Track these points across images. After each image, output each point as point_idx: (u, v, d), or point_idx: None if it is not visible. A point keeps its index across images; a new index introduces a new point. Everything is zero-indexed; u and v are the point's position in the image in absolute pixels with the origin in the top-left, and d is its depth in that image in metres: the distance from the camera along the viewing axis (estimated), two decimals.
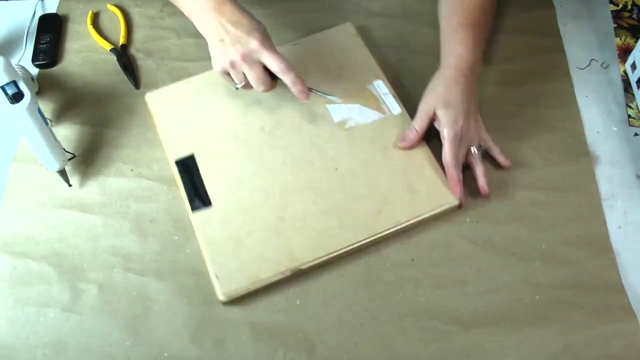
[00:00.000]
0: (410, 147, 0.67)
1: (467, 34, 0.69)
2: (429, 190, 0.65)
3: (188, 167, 0.68)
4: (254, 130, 0.70)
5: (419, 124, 0.67)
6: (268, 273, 0.61)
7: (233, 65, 0.63)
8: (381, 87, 0.72)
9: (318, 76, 0.73)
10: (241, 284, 0.60)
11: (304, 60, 0.74)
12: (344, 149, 0.68)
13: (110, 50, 0.79)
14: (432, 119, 0.67)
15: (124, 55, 0.79)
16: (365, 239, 0.63)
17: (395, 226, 0.63)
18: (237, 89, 0.67)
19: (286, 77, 0.63)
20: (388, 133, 0.69)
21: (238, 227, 0.64)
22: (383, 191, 0.65)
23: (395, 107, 0.71)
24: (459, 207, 0.65)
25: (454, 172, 0.65)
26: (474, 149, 0.67)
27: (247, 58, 0.62)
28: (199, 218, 0.64)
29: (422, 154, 0.68)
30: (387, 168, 0.67)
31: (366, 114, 0.71)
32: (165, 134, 0.71)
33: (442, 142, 0.66)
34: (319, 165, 0.67)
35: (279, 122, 0.71)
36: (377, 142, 0.69)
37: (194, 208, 0.65)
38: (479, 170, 0.66)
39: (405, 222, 0.63)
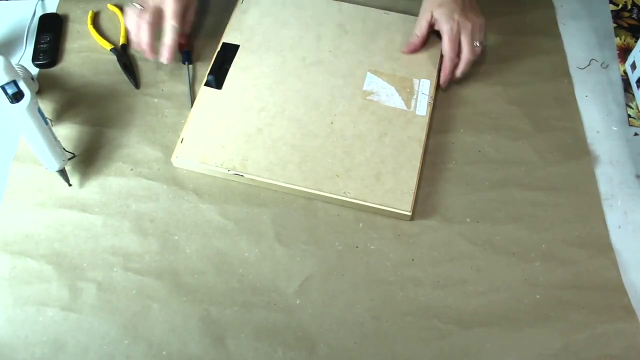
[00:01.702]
0: (413, 51, 0.74)
1: None
2: (393, 188, 0.65)
3: (227, 53, 0.76)
4: (297, 55, 0.76)
5: (419, 28, 0.74)
6: (217, 163, 0.67)
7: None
8: (424, 87, 0.73)
9: (383, 48, 0.76)
10: (194, 159, 0.67)
11: (379, 29, 0.78)
12: (351, 112, 0.71)
13: (110, 50, 0.79)
14: (432, 23, 0.72)
15: (124, 55, 0.79)
16: (308, 189, 0.65)
17: (340, 196, 0.65)
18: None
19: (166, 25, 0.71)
20: (398, 125, 0.70)
21: (226, 117, 0.70)
22: (354, 163, 0.67)
23: (422, 108, 0.71)
24: (410, 218, 0.65)
25: (448, 64, 0.71)
26: (476, 43, 0.71)
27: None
28: (205, 92, 0.72)
29: (412, 156, 0.67)
30: (372, 149, 0.68)
31: (393, 98, 0.72)
32: (234, 19, 0.79)
33: (442, 39, 0.71)
34: (321, 111, 0.71)
35: (320, 62, 0.75)
36: (382, 125, 0.70)
37: (207, 82, 0.73)
38: (464, 65, 0.71)
39: (351, 198, 0.65)
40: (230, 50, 0.76)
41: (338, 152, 0.68)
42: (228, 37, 0.77)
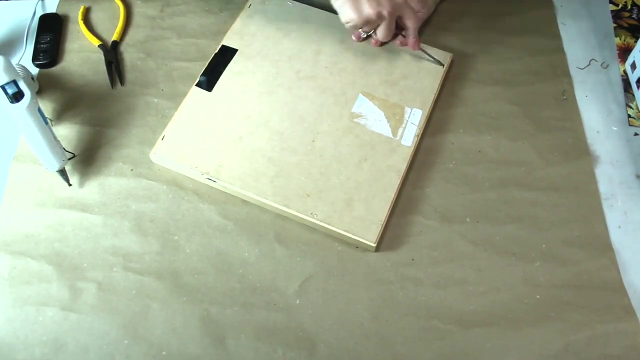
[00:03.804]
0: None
1: None
2: (361, 217, 0.63)
3: (224, 56, 0.75)
4: (292, 68, 0.75)
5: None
6: (193, 165, 0.67)
7: (380, 16, 0.69)
8: (415, 116, 0.71)
9: (380, 71, 0.75)
10: (171, 158, 0.67)
11: (381, 52, 0.77)
12: (335, 132, 0.69)
13: (98, 47, 0.79)
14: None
15: (111, 52, 0.79)
16: (276, 204, 0.64)
17: (307, 216, 0.64)
18: (363, 39, 0.76)
19: (412, 34, 0.73)
20: (380, 152, 0.68)
21: (210, 121, 0.70)
22: (327, 186, 0.65)
23: (408, 138, 0.69)
24: (375, 249, 0.63)
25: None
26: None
27: (394, 12, 0.70)
28: (194, 93, 0.72)
29: (388, 186, 0.65)
30: (349, 173, 0.66)
31: (380, 124, 0.70)
32: (238, 23, 0.78)
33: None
34: (305, 127, 0.70)
35: (314, 77, 0.74)
36: (364, 150, 0.68)
37: (198, 83, 0.73)
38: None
39: (318, 220, 0.63)
40: (227, 54, 0.75)
41: (314, 172, 0.66)
42: (228, 40, 0.77)
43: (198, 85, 0.73)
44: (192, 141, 0.68)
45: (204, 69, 0.74)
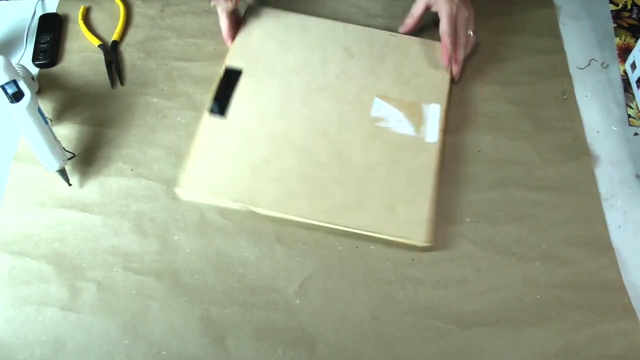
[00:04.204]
0: (408, 31, 0.77)
1: None
2: (408, 219, 0.63)
3: (230, 78, 0.73)
4: (302, 80, 0.73)
5: (416, 9, 0.75)
6: (225, 196, 0.64)
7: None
8: (434, 111, 0.70)
9: (390, 72, 0.74)
10: (200, 191, 0.65)
11: (387, 52, 0.76)
12: (360, 140, 0.68)
13: (98, 46, 0.79)
14: (429, 5, 0.74)
15: (111, 52, 0.79)
16: (321, 222, 0.63)
17: (354, 229, 0.63)
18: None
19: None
20: (408, 152, 0.67)
21: (231, 147, 0.68)
22: (367, 194, 0.65)
23: (433, 134, 0.69)
24: (428, 248, 0.63)
25: (447, 41, 0.72)
26: (470, 32, 0.73)
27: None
28: (209, 121, 0.70)
29: (425, 186, 0.65)
30: (384, 179, 0.66)
31: (402, 125, 0.69)
32: (237, 42, 0.76)
33: (440, 19, 0.72)
34: (329, 139, 0.68)
35: (326, 87, 0.73)
36: (393, 153, 0.67)
37: (211, 111, 0.70)
38: (461, 52, 0.73)
39: (366, 231, 0.63)
40: (233, 76, 0.73)
41: (349, 183, 0.65)
42: (230, 61, 0.74)
43: (211, 112, 0.70)
44: (216, 171, 0.66)
45: (212, 95, 0.71)
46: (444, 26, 0.72)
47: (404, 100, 0.71)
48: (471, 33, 0.73)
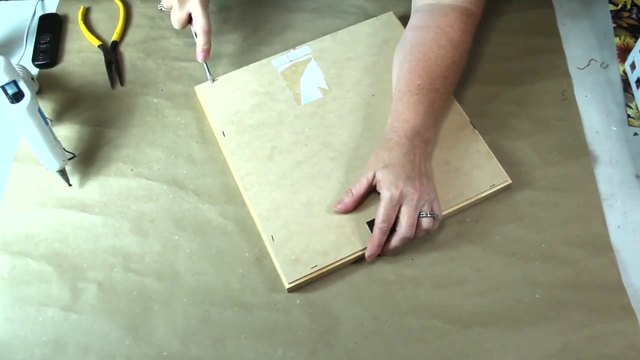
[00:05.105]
0: (345, 212, 0.64)
1: (424, 98, 0.65)
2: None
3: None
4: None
5: (356, 187, 0.63)
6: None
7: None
8: None
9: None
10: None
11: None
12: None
13: (98, 47, 0.79)
14: (373, 184, 0.62)
15: (111, 52, 0.79)
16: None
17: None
18: (160, 9, 0.79)
19: (201, 37, 0.71)
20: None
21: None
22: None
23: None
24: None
25: (377, 234, 0.60)
26: (424, 213, 0.60)
27: (182, 1, 0.70)
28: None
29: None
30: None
31: None
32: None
33: (379, 204, 0.61)
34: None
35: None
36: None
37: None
38: (397, 240, 0.61)
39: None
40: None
41: None
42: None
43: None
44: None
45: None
46: (377, 217, 0.60)
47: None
48: (426, 214, 0.60)
